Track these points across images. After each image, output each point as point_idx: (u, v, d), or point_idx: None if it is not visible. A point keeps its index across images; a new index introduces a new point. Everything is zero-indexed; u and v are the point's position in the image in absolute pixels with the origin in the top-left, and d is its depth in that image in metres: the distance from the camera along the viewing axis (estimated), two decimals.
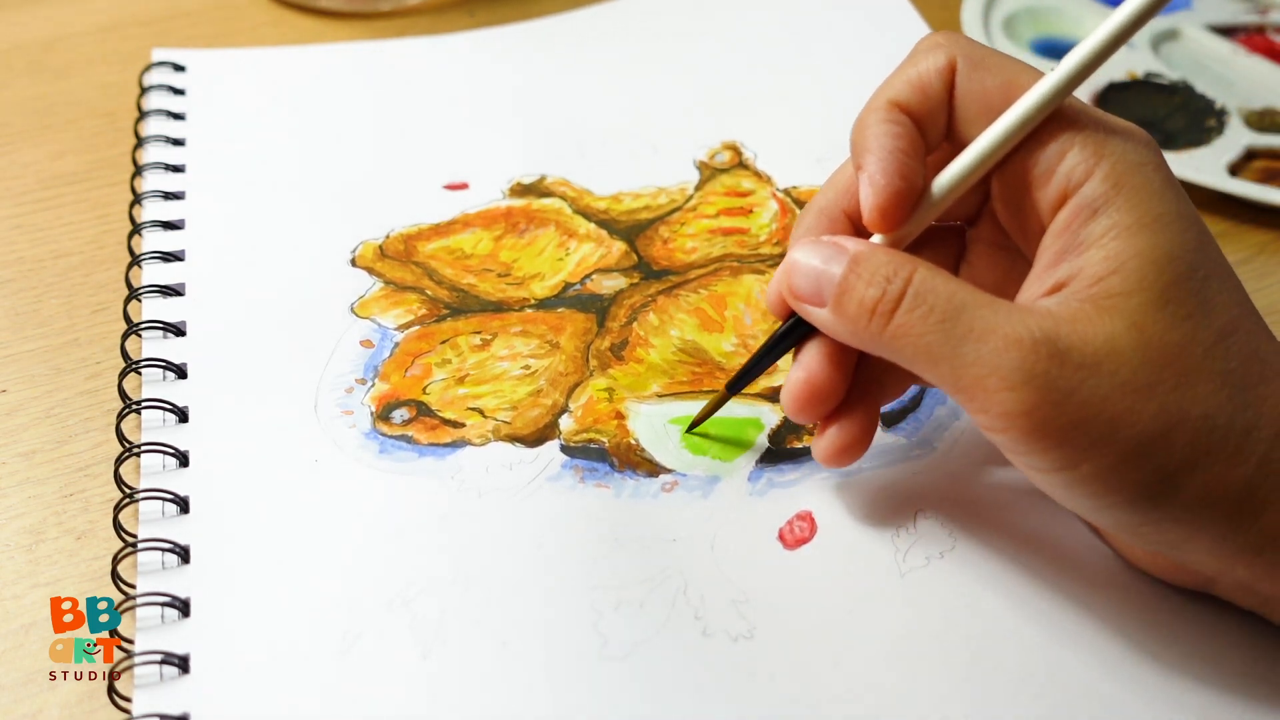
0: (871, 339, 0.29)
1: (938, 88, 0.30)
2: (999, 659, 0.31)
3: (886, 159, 0.30)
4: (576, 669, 0.30)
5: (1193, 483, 0.27)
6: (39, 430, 0.36)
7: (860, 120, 0.31)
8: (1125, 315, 0.27)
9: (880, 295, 0.28)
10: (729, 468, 0.35)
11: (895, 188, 0.30)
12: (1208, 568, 0.29)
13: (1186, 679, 0.30)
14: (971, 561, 0.33)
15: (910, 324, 0.28)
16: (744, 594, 0.32)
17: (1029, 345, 0.27)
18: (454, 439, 0.36)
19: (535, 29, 0.54)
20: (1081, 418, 0.27)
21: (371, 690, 0.30)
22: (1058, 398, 0.27)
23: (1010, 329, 0.27)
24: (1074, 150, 0.29)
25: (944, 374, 0.28)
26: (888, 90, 0.31)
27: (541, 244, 0.43)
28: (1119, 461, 0.27)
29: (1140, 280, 0.27)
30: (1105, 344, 0.27)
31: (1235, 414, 0.27)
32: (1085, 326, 0.27)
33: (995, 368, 0.27)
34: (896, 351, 0.29)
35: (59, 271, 0.42)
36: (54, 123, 0.48)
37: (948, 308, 0.28)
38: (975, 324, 0.27)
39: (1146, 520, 0.28)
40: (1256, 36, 0.56)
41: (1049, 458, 0.27)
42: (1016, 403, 0.27)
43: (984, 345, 0.27)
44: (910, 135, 0.30)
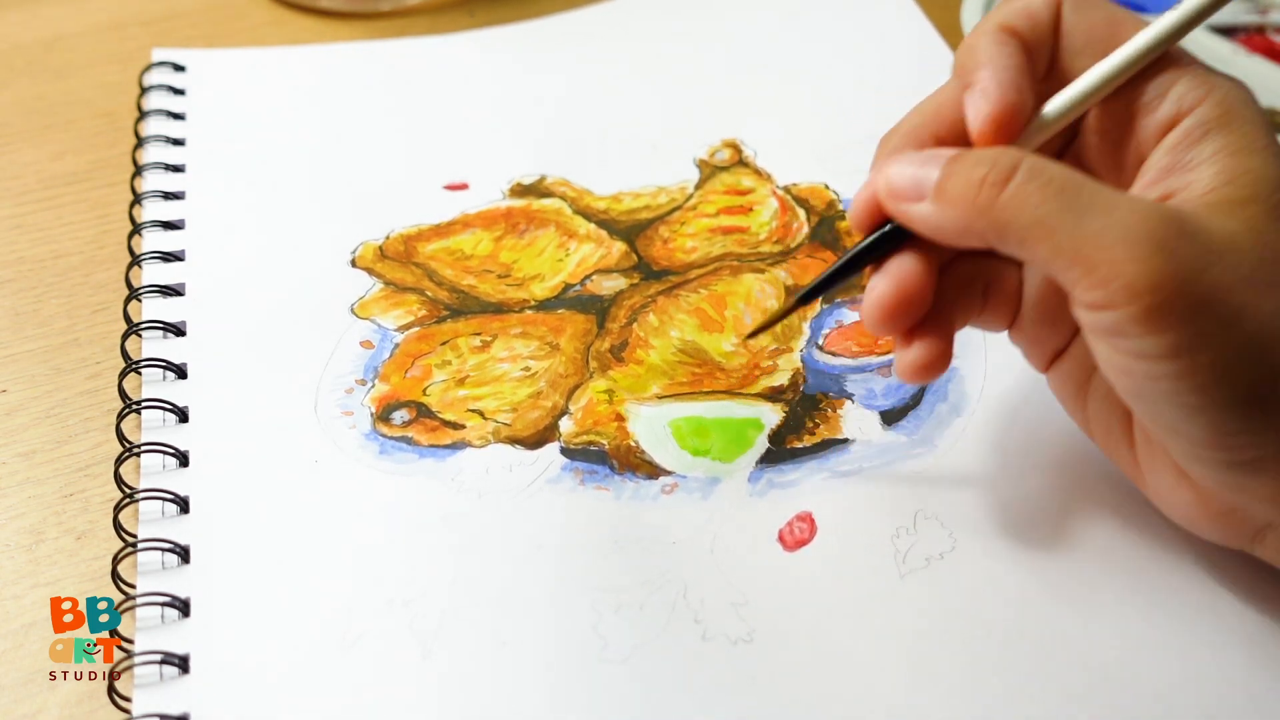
0: (980, 213, 0.28)
1: (1045, 18, 0.31)
2: (1000, 660, 0.31)
3: (1001, 72, 0.29)
4: (576, 671, 0.30)
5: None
6: (39, 430, 0.36)
7: (968, 43, 0.31)
8: (1243, 220, 0.27)
9: (989, 170, 0.28)
10: (729, 469, 0.35)
11: (1010, 99, 0.29)
12: (1274, 503, 0.28)
13: (1186, 682, 0.30)
14: (972, 562, 0.33)
15: (1027, 193, 0.27)
16: (744, 596, 0.32)
17: (1158, 218, 0.26)
18: (454, 440, 0.36)
19: (535, 29, 0.54)
20: (1209, 299, 0.26)
21: (371, 690, 0.30)
22: (1188, 274, 0.26)
23: (1137, 204, 0.26)
24: (1185, 79, 0.29)
25: (1061, 243, 0.27)
26: (997, 16, 0.31)
27: (541, 244, 0.43)
28: (1237, 353, 0.26)
29: (1255, 192, 0.27)
30: (1229, 237, 0.27)
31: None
32: (1207, 217, 0.27)
33: (1123, 236, 0.26)
34: (1005, 224, 0.27)
35: (59, 271, 0.42)
36: (54, 123, 0.48)
37: (1067, 179, 0.27)
38: (1098, 198, 0.27)
39: (1247, 427, 0.27)
40: (1256, 36, 0.56)
41: (1167, 339, 0.26)
42: (1146, 274, 0.26)
43: (1111, 216, 0.26)
44: (1021, 55, 0.30)
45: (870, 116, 0.37)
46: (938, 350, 0.30)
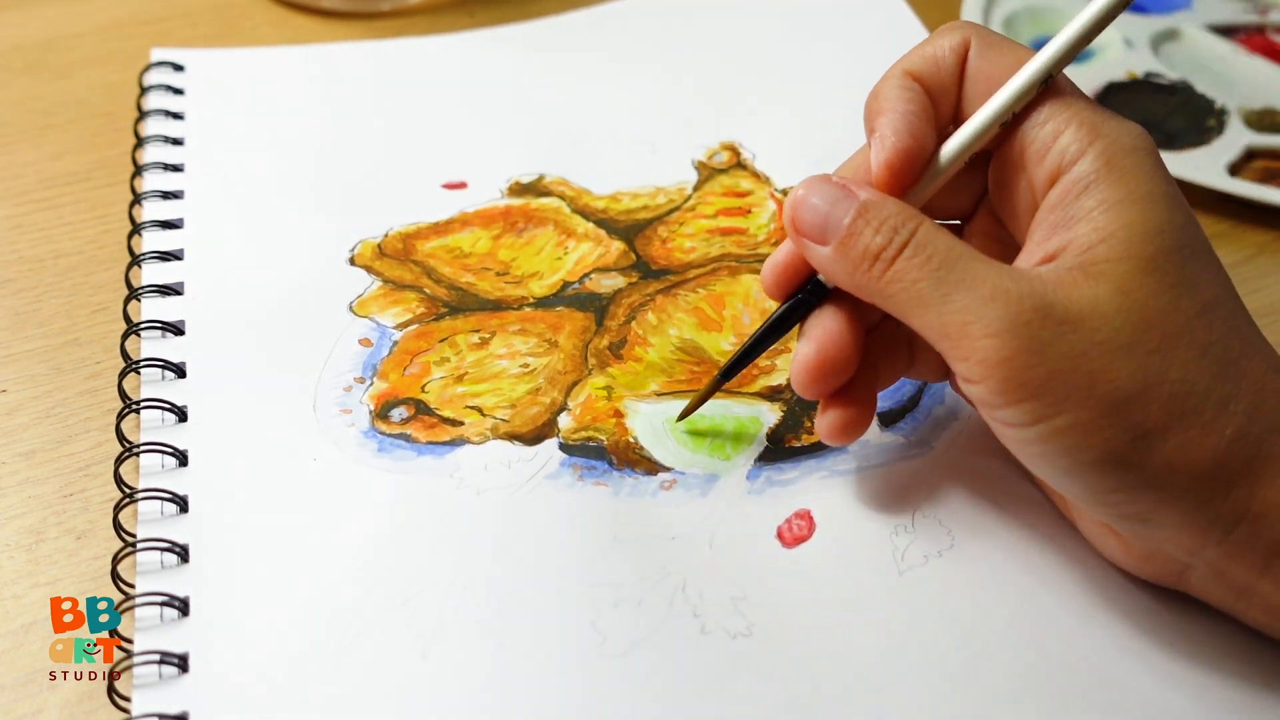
0: (869, 284, 0.29)
1: (950, 62, 0.31)
2: (997, 657, 0.31)
3: (898, 119, 0.30)
4: (575, 667, 0.30)
5: (1165, 446, 0.27)
6: (39, 430, 0.36)
7: (875, 89, 0.32)
8: (1112, 280, 0.28)
9: (886, 243, 0.29)
10: (727, 466, 0.35)
11: (905, 145, 0.30)
12: (1180, 548, 0.29)
13: (1183, 679, 0.30)
14: (970, 560, 0.33)
15: (908, 270, 0.29)
16: (743, 592, 0.32)
17: (1014, 298, 0.27)
18: (453, 437, 0.36)
19: (534, 29, 0.54)
20: (1059, 369, 0.27)
21: (371, 689, 0.30)
22: (1037, 347, 0.27)
23: (999, 282, 0.28)
24: (1068, 131, 0.29)
25: (930, 320, 0.28)
26: (903, 62, 0.32)
27: (540, 243, 0.43)
28: (1093, 417, 0.27)
29: (1127, 249, 0.28)
30: (1089, 304, 0.27)
31: (1213, 384, 0.27)
32: (1072, 288, 0.28)
33: (980, 315, 0.27)
34: (890, 297, 0.29)
35: (59, 271, 0.42)
36: (54, 123, 0.48)
37: (945, 257, 0.28)
38: (966, 276, 0.28)
39: (1119, 485, 0.28)
40: (1256, 36, 0.56)
41: (1024, 409, 0.27)
42: (996, 350, 0.27)
43: (972, 293, 0.28)
44: (922, 100, 0.31)
45: None
46: (856, 413, 0.32)
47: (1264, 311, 0.42)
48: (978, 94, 0.31)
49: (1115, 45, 0.55)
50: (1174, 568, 0.30)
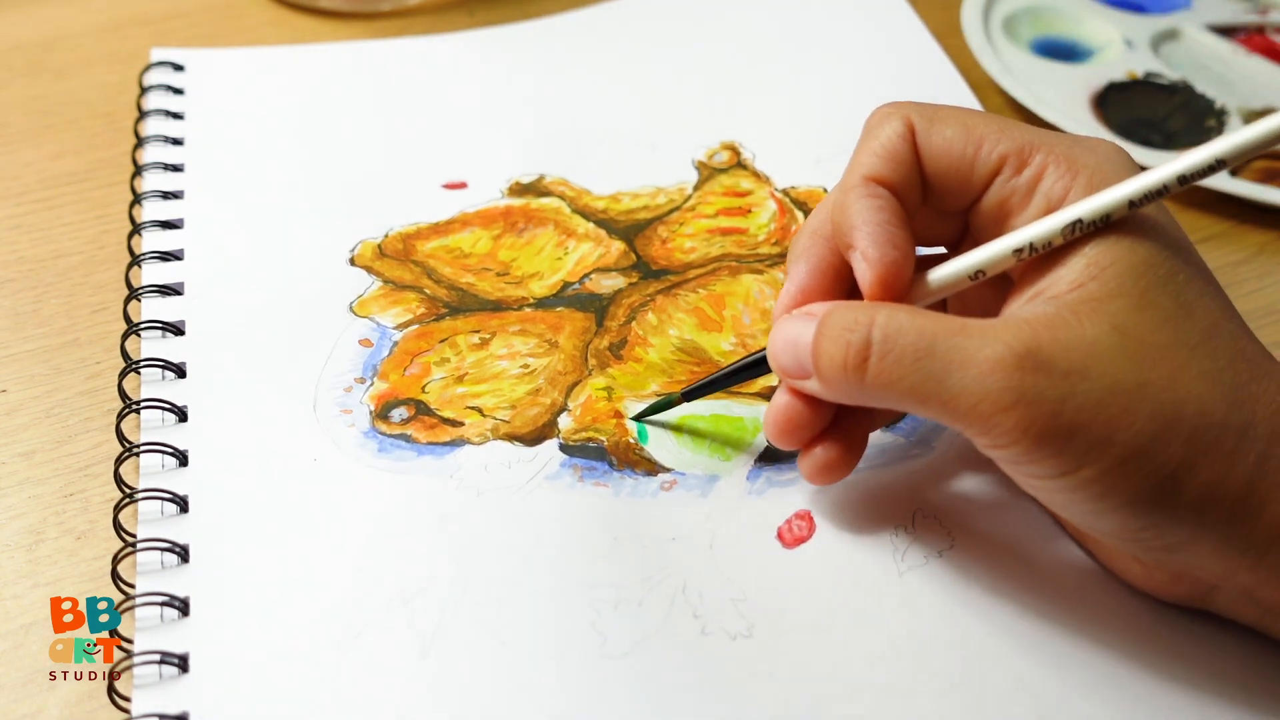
0: (858, 394, 0.29)
1: (904, 151, 0.31)
2: (997, 658, 0.31)
3: (876, 231, 0.30)
4: (575, 667, 0.30)
5: (1194, 481, 0.27)
6: (39, 430, 0.36)
7: (839, 202, 0.31)
8: (1106, 319, 0.27)
9: (846, 350, 0.29)
10: (727, 467, 0.35)
11: (890, 258, 0.30)
12: (1211, 574, 0.29)
13: (1184, 683, 0.30)
14: (970, 561, 0.33)
15: (885, 369, 0.28)
16: (743, 592, 0.32)
17: (1012, 363, 0.27)
18: (453, 438, 0.36)
19: (535, 29, 0.54)
20: (1078, 423, 0.26)
21: (371, 689, 0.30)
22: (1052, 408, 0.27)
23: (989, 351, 0.27)
24: (1050, 170, 0.29)
25: (937, 410, 0.28)
26: (858, 169, 0.31)
27: (540, 243, 0.43)
28: (1119, 463, 0.27)
29: (1119, 285, 0.28)
30: (1089, 348, 0.27)
31: (1230, 412, 0.27)
32: (1065, 332, 0.27)
33: (985, 394, 0.27)
34: (885, 400, 0.29)
35: (59, 271, 0.42)
36: (54, 123, 0.48)
37: (919, 345, 0.28)
38: (953, 355, 0.27)
39: (1149, 524, 0.27)
40: (1256, 36, 0.56)
41: (1049, 465, 0.27)
42: (1014, 422, 0.27)
43: (967, 374, 0.27)
44: (892, 205, 0.31)
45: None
46: (836, 456, 0.32)
47: (1264, 311, 0.42)
48: (939, 170, 0.31)
49: (1115, 45, 0.55)
50: (1200, 590, 0.30)
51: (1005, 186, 0.30)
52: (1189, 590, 0.31)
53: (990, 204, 0.31)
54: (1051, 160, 0.29)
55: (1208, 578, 0.29)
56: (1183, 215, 0.46)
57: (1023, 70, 0.53)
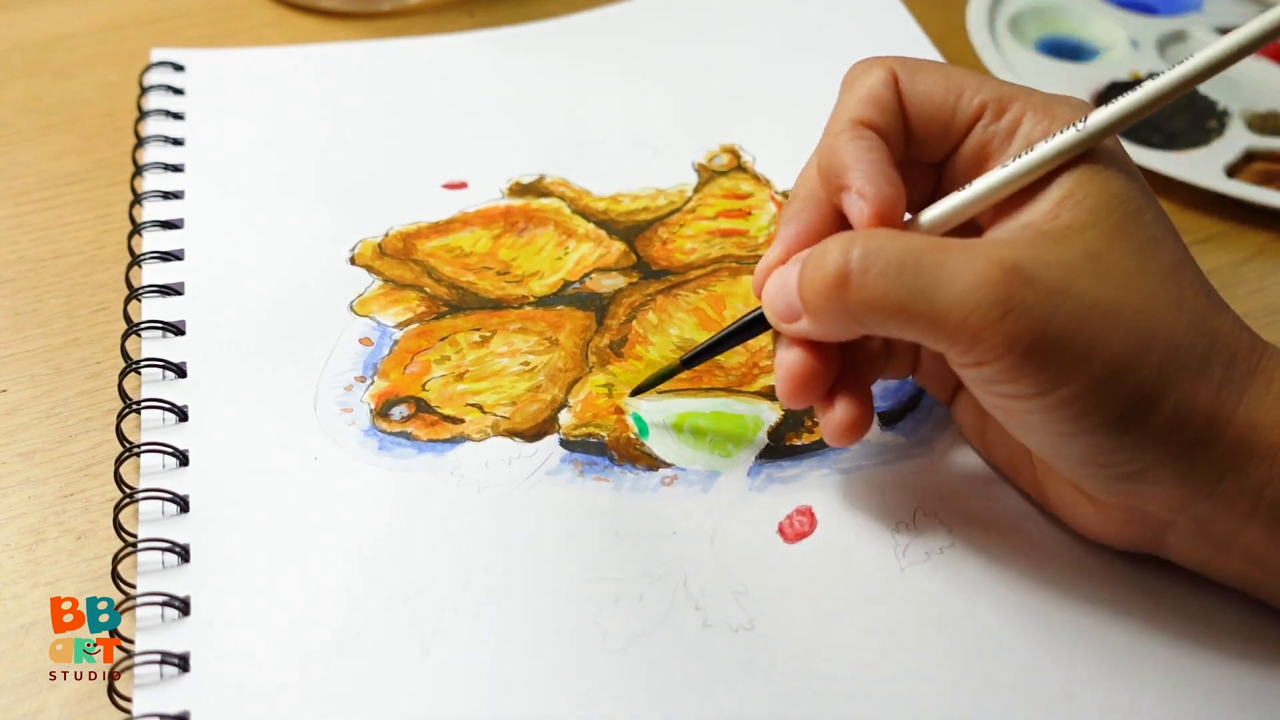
0: (844, 317, 0.29)
1: (889, 97, 0.32)
2: (998, 653, 0.31)
3: (870, 169, 0.30)
4: (577, 661, 0.30)
5: (1166, 402, 0.27)
6: (39, 430, 0.36)
7: (828, 146, 0.31)
8: (1081, 245, 0.28)
9: (827, 270, 0.29)
10: (728, 463, 0.35)
11: (886, 193, 0.30)
12: (1167, 505, 0.29)
13: (1187, 672, 0.30)
14: (970, 557, 0.33)
15: (868, 285, 0.28)
16: (744, 587, 0.32)
17: (999, 276, 0.27)
18: (453, 435, 0.36)
19: (535, 30, 0.54)
20: (1062, 339, 0.27)
21: (372, 687, 0.30)
22: (1039, 323, 0.27)
23: (976, 265, 0.27)
24: (1028, 115, 0.31)
25: (924, 325, 0.28)
26: (845, 113, 0.32)
27: (540, 243, 0.43)
28: (1099, 382, 0.27)
29: (1093, 214, 0.29)
30: (1069, 270, 0.28)
31: (1195, 338, 0.28)
32: (1045, 253, 0.28)
33: (975, 307, 0.27)
34: (871, 319, 0.29)
35: (59, 271, 0.42)
36: (54, 123, 0.48)
37: (903, 258, 0.28)
38: (939, 268, 0.28)
39: (1120, 445, 0.28)
40: None
41: (1029, 383, 0.27)
42: (1002, 335, 0.27)
43: (954, 286, 0.27)
44: (881, 146, 0.31)
45: None
46: (859, 410, 0.32)
47: (1264, 312, 0.42)
48: (924, 116, 0.32)
49: (1121, 46, 0.55)
50: (1151, 530, 0.31)
51: (986, 131, 0.31)
52: (1140, 531, 0.31)
53: (970, 149, 0.31)
54: (1030, 107, 0.31)
55: (1163, 511, 0.30)
56: (1182, 215, 0.46)
57: (1025, 68, 0.53)
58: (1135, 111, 0.29)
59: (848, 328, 0.30)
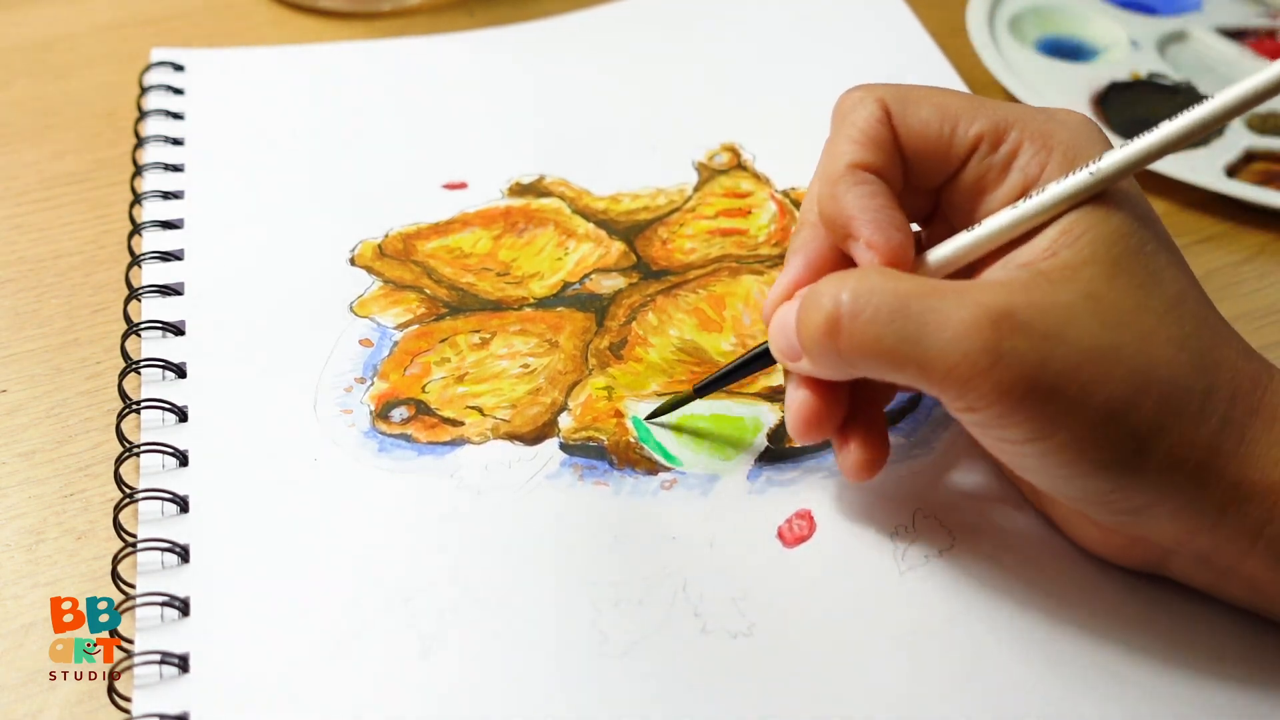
0: (838, 360, 0.29)
1: (884, 135, 0.31)
2: (998, 657, 0.31)
3: (876, 217, 0.30)
4: (576, 666, 0.30)
5: (1162, 444, 0.27)
6: (39, 430, 0.36)
7: (828, 194, 0.31)
8: (1079, 285, 0.28)
9: (819, 315, 0.29)
10: (728, 466, 0.35)
11: (896, 241, 0.30)
12: (1168, 538, 0.29)
13: (1187, 674, 0.30)
14: (970, 560, 0.33)
15: (859, 330, 0.28)
16: (743, 591, 0.32)
17: (988, 324, 0.27)
18: (453, 437, 0.36)
19: (534, 29, 0.54)
20: (1056, 387, 0.27)
21: (371, 688, 0.30)
22: (1031, 371, 0.27)
23: (965, 313, 0.27)
24: (1025, 146, 0.30)
25: (913, 372, 0.28)
26: (841, 157, 0.31)
27: (540, 243, 0.43)
28: (1093, 427, 0.27)
29: (1092, 252, 0.28)
30: (1064, 312, 0.27)
31: (1195, 376, 0.28)
32: (1040, 296, 0.27)
33: (963, 356, 0.27)
34: (862, 364, 0.29)
35: (59, 271, 0.42)
36: (54, 123, 0.48)
37: (892, 305, 0.28)
38: (927, 315, 0.27)
39: (1117, 486, 0.28)
40: (1267, 40, 0.56)
41: (1024, 429, 0.27)
42: (991, 385, 0.27)
43: (944, 334, 0.27)
44: (884, 189, 0.31)
45: None
46: (873, 449, 0.32)
47: (1264, 312, 0.42)
48: (919, 153, 0.31)
49: (1121, 45, 0.55)
50: (1155, 555, 0.31)
51: (981, 164, 0.31)
52: (1144, 555, 0.31)
53: (967, 181, 0.31)
54: (1026, 137, 0.30)
55: (1165, 542, 0.30)
56: (1182, 215, 0.46)
57: (1026, 68, 0.53)
58: (1152, 153, 0.28)
59: (843, 370, 0.30)
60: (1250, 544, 0.28)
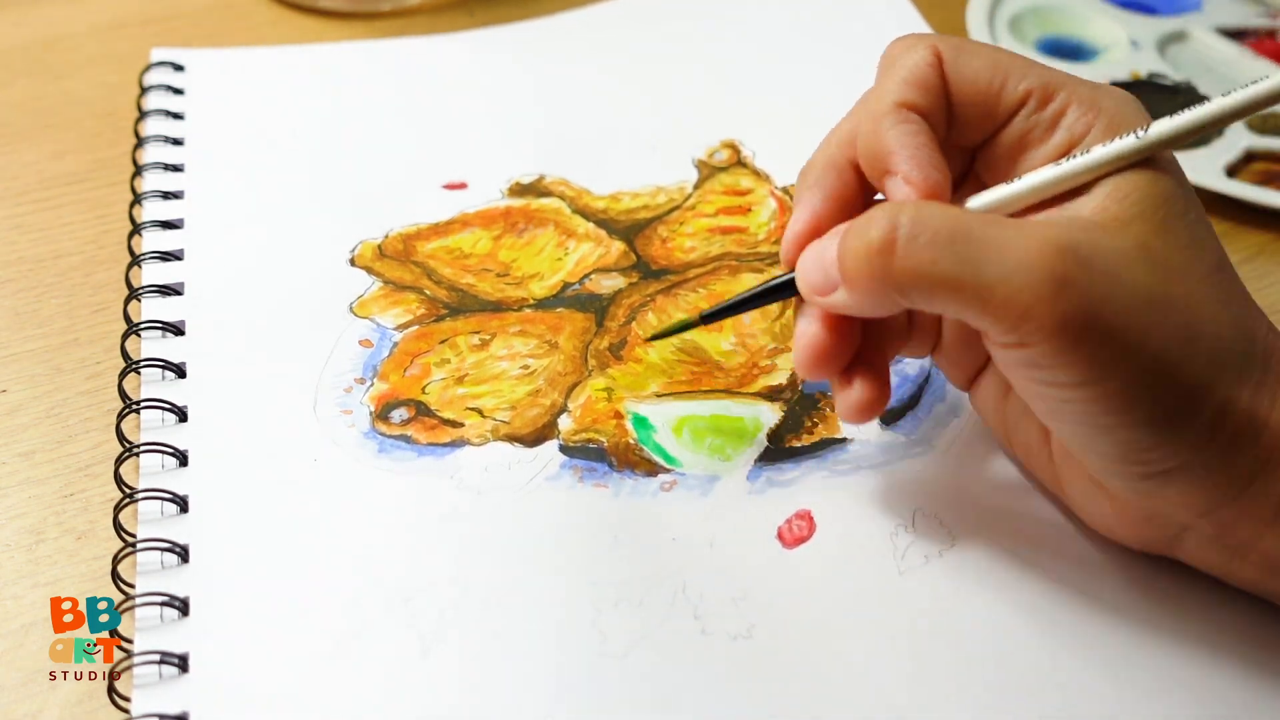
0: (885, 287, 0.28)
1: (933, 79, 0.31)
2: (998, 657, 0.31)
3: (916, 154, 0.30)
4: (575, 666, 0.30)
5: (1211, 400, 0.27)
6: (39, 430, 0.36)
7: (869, 130, 0.31)
8: (1132, 235, 0.28)
9: (871, 239, 0.28)
10: (728, 467, 0.35)
11: (934, 180, 0.29)
12: (1189, 509, 0.29)
13: (1190, 673, 0.30)
14: (970, 560, 0.33)
15: (914, 252, 0.27)
16: (743, 592, 0.32)
17: (1054, 253, 0.26)
18: (453, 439, 0.36)
19: (534, 29, 0.54)
20: (1116, 326, 0.26)
21: (371, 689, 0.30)
22: (1093, 305, 0.26)
23: (1030, 240, 0.26)
24: (1073, 107, 0.30)
25: (969, 299, 0.27)
26: (888, 94, 0.31)
27: (540, 244, 0.43)
28: (1146, 375, 0.26)
29: (1141, 210, 0.28)
30: (1122, 257, 0.27)
31: (1237, 338, 0.28)
32: (1099, 237, 0.27)
33: (1026, 282, 0.26)
34: (914, 290, 0.27)
35: (59, 271, 0.42)
36: (54, 123, 0.48)
37: (953, 228, 0.27)
38: (989, 241, 0.27)
39: (1158, 442, 0.27)
40: (1267, 40, 0.56)
41: (1079, 370, 0.26)
42: (1053, 313, 0.26)
43: (1006, 260, 0.26)
44: (927, 130, 0.30)
45: None
46: (876, 389, 0.31)
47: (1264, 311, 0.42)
48: (967, 100, 0.31)
49: (1121, 45, 0.55)
50: (1166, 533, 0.30)
51: (1029, 120, 0.30)
52: (1157, 533, 0.31)
53: (1010, 136, 0.31)
54: (1075, 99, 0.30)
55: (1185, 515, 0.29)
56: None
57: None
58: (1200, 126, 0.29)
59: (888, 299, 0.28)
60: (1273, 515, 0.28)
